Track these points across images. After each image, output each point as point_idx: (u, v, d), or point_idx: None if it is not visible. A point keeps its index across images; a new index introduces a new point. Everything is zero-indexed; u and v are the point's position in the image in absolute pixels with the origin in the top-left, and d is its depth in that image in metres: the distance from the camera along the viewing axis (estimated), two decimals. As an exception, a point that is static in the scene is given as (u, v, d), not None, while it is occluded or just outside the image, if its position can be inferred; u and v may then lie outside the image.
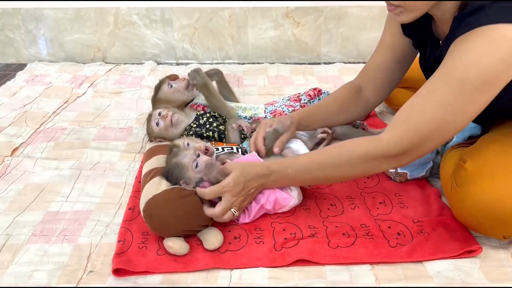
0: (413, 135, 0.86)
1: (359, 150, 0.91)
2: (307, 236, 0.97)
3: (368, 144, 0.91)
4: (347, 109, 1.23)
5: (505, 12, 0.77)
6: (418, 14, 0.89)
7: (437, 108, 0.84)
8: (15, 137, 1.44)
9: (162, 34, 2.20)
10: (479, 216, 0.87)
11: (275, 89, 1.87)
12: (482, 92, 0.81)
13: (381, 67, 1.17)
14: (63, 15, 2.15)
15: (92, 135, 1.46)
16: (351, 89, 1.22)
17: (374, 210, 1.06)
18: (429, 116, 0.85)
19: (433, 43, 1.02)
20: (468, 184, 0.88)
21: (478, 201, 0.86)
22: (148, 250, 0.94)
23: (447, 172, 0.99)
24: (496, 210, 0.84)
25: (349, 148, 0.93)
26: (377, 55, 1.18)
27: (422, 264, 0.90)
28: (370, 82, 1.20)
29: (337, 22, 2.18)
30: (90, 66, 2.17)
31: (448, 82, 0.82)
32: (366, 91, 1.22)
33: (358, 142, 0.93)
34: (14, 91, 1.83)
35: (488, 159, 0.90)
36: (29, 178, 1.22)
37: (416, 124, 0.86)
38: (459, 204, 0.92)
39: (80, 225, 1.03)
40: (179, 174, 1.00)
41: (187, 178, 1.00)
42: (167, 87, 1.44)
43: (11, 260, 0.92)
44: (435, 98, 0.84)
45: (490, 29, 0.78)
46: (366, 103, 1.23)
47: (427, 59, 1.07)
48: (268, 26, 2.18)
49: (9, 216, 1.06)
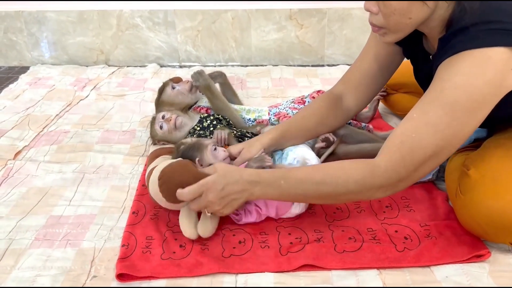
0: (409, 163, 0.84)
1: (356, 176, 0.86)
2: (313, 240, 0.96)
3: (366, 171, 0.86)
4: (325, 122, 1.17)
5: (488, 35, 0.78)
6: (402, 35, 0.88)
7: (431, 133, 0.83)
8: (18, 140, 1.44)
9: (165, 36, 2.20)
10: (484, 224, 0.86)
11: (279, 91, 1.86)
12: (473, 114, 0.82)
13: (365, 74, 1.13)
14: (66, 18, 2.15)
15: (95, 138, 1.46)
16: (330, 100, 1.17)
17: (381, 214, 1.05)
18: (424, 142, 0.83)
19: (424, 57, 1.01)
20: (472, 191, 0.88)
21: (482, 209, 0.85)
22: (152, 255, 0.93)
23: (452, 177, 0.99)
24: (501, 217, 0.83)
25: (347, 170, 0.88)
26: (362, 62, 1.14)
27: (430, 269, 0.89)
28: (353, 90, 1.16)
29: (341, 24, 2.17)
30: (93, 69, 2.17)
31: (439, 106, 0.82)
32: (347, 99, 1.17)
33: (357, 166, 0.88)
34: (17, 94, 1.83)
35: (491, 166, 0.90)
36: (32, 181, 1.21)
37: (412, 150, 0.84)
38: (464, 212, 0.91)
39: (83, 229, 1.02)
40: (197, 151, 1.06)
41: (203, 156, 1.05)
42: (171, 90, 1.43)
43: (14, 265, 0.91)
44: (428, 122, 0.83)
45: (476, 52, 0.79)
46: (346, 112, 1.18)
47: (419, 72, 1.06)
48: (271, 28, 2.18)
49: (12, 220, 1.05)
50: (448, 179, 1.01)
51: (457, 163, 1.00)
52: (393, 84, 1.46)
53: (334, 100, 1.17)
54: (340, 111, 1.18)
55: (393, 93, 1.51)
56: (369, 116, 1.51)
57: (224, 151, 1.08)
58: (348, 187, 0.87)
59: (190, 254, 0.93)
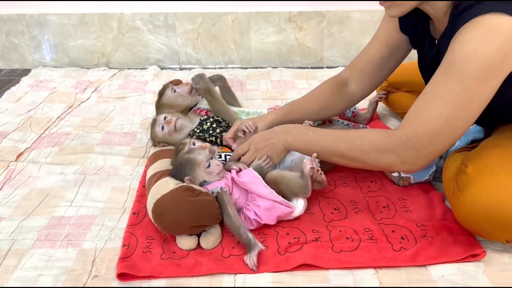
0: (422, 132, 0.87)
1: (373, 138, 0.95)
2: (311, 240, 0.97)
3: (382, 135, 0.95)
4: (328, 107, 1.23)
5: (498, 4, 0.80)
6: (407, 8, 0.92)
7: (442, 104, 0.85)
8: (19, 142, 1.45)
9: (166, 39, 2.21)
10: (481, 220, 0.87)
11: (278, 93, 1.87)
12: (484, 83, 0.82)
13: (372, 60, 1.18)
14: (67, 20, 2.17)
15: (96, 140, 1.47)
16: (335, 84, 1.22)
17: (378, 214, 1.06)
18: (435, 112, 0.86)
19: (430, 43, 1.03)
20: (469, 188, 0.89)
21: (479, 205, 0.86)
22: (153, 255, 0.94)
23: (449, 176, 1.00)
24: (498, 213, 0.84)
25: (366, 133, 0.99)
26: (370, 48, 1.19)
27: (426, 268, 0.90)
28: (358, 75, 1.21)
29: (340, 27, 2.18)
30: (94, 71, 2.18)
31: (450, 76, 0.84)
32: (352, 84, 1.22)
33: (374, 132, 0.99)
34: (19, 97, 1.85)
35: (489, 163, 0.91)
36: (34, 183, 1.23)
37: (424, 120, 0.87)
38: (461, 208, 0.92)
39: (84, 229, 1.03)
40: (189, 170, 1.02)
41: (195, 175, 1.02)
42: (171, 92, 1.45)
43: (17, 265, 0.93)
44: (439, 94, 0.85)
45: (485, 19, 0.80)
46: (351, 97, 1.24)
47: (424, 59, 1.08)
48: (271, 31, 2.19)
49: (14, 221, 1.07)
50: (445, 178, 1.02)
51: (454, 162, 1.01)
52: (394, 82, 1.48)
53: (339, 85, 1.22)
54: (344, 96, 1.23)
55: (394, 91, 1.52)
56: (368, 118, 1.52)
57: (218, 164, 1.04)
58: (363, 148, 0.95)
59: (189, 254, 0.94)
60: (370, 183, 1.19)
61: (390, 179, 1.19)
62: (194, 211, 0.94)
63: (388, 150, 0.92)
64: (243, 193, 1.04)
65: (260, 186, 1.01)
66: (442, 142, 0.88)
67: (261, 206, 0.99)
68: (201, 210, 0.95)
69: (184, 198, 0.95)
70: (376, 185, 1.18)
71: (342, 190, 1.16)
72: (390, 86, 1.52)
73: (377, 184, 1.19)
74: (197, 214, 0.95)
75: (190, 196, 0.95)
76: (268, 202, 0.99)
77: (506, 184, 0.85)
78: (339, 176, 1.23)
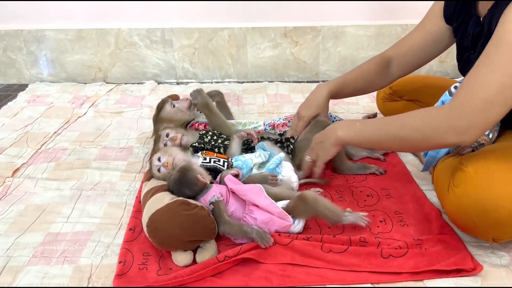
0: (475, 100, 0.87)
1: (423, 113, 0.95)
2: (301, 239, 1.00)
3: (431, 110, 0.96)
4: (372, 85, 1.36)
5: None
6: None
7: (491, 72, 0.86)
8: (16, 158, 1.45)
9: (163, 54, 2.23)
10: (474, 215, 0.89)
11: (274, 107, 1.89)
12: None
13: (414, 45, 1.26)
14: (65, 36, 2.18)
15: (93, 155, 1.47)
16: (381, 63, 1.32)
17: (375, 228, 1.06)
18: (485, 80, 0.86)
19: (475, 22, 1.05)
20: (466, 183, 0.91)
21: (474, 200, 0.88)
22: (149, 271, 0.94)
23: (442, 178, 1.02)
24: (492, 209, 0.86)
25: (414, 113, 0.97)
26: (414, 34, 1.26)
27: (422, 282, 0.90)
28: (401, 56, 1.29)
29: (335, 41, 2.21)
30: (91, 86, 2.19)
31: (500, 46, 0.86)
32: (394, 64, 1.31)
33: (423, 109, 0.97)
34: (16, 112, 1.85)
35: (487, 164, 0.93)
36: (30, 199, 1.22)
37: (477, 89, 0.87)
38: (455, 203, 0.93)
39: (80, 246, 1.03)
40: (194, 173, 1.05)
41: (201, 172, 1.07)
42: (170, 107, 1.45)
43: (12, 282, 0.92)
44: (490, 64, 0.86)
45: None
46: (391, 76, 1.33)
47: (466, 38, 1.09)
48: (267, 46, 2.21)
49: (10, 237, 1.06)
50: (438, 179, 1.05)
51: (449, 164, 1.04)
52: (398, 91, 1.50)
53: (383, 64, 1.32)
54: (386, 75, 1.33)
55: (397, 100, 1.53)
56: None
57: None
58: (414, 124, 0.95)
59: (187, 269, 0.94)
60: (366, 197, 1.20)
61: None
62: (188, 225, 0.94)
63: (440, 122, 0.91)
64: (240, 205, 1.04)
65: (261, 196, 1.01)
66: (495, 110, 0.87)
67: (258, 219, 0.99)
68: (196, 224, 0.95)
69: (178, 212, 0.95)
70: (373, 199, 1.19)
71: (339, 204, 1.15)
72: (394, 94, 1.52)
73: (373, 198, 1.19)
74: (192, 228, 0.95)
75: (185, 210, 0.95)
76: (265, 216, 0.99)
77: (503, 184, 0.87)
78: (335, 190, 1.23)
